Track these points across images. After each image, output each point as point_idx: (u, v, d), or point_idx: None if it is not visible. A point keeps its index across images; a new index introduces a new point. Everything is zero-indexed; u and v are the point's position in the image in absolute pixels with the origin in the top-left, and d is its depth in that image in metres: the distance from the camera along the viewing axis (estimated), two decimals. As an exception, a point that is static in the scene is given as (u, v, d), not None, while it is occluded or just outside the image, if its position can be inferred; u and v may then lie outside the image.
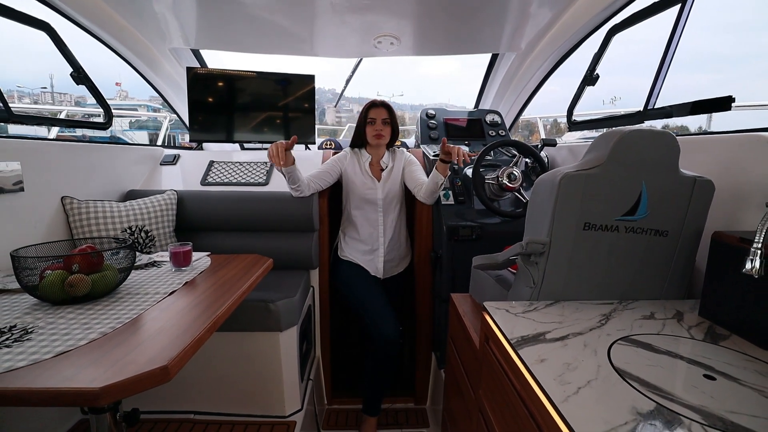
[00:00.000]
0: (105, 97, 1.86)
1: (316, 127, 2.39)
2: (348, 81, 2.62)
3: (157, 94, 2.42)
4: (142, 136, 16.40)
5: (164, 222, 1.69)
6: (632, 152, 0.91)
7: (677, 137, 0.95)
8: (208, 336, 0.87)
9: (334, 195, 2.07)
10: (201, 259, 1.34)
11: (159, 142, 2.90)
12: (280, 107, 2.31)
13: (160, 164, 2.11)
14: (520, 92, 2.40)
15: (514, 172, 1.69)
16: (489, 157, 1.96)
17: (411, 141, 2.70)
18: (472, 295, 1.39)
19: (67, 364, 0.68)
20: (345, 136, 5.46)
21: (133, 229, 1.58)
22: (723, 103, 1.18)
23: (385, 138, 1.79)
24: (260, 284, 1.60)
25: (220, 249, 1.78)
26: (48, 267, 0.95)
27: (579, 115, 1.90)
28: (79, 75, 1.69)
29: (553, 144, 1.85)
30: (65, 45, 1.64)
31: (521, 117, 2.68)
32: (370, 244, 1.85)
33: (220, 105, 2.25)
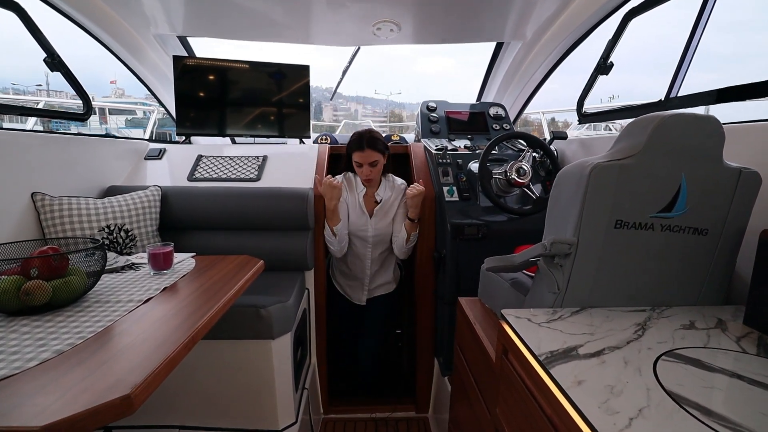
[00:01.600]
0: (104, 95, 1.73)
1: (312, 123, 2.27)
2: (344, 72, 2.50)
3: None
4: (138, 135, 16.09)
5: (147, 220, 1.56)
6: (672, 139, 0.81)
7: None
8: (186, 353, 0.75)
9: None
10: (184, 261, 1.22)
11: (146, 137, 2.77)
12: (273, 100, 2.19)
13: (145, 159, 1.98)
14: (525, 84, 2.30)
15: (523, 166, 1.58)
16: (494, 152, 1.85)
17: (411, 136, 2.58)
18: (481, 299, 1.28)
19: (8, 393, 0.56)
20: (341, 131, 5.34)
21: (112, 228, 1.46)
22: (754, 90, 1.08)
23: (375, 180, 1.77)
24: (251, 288, 1.48)
25: (207, 249, 1.66)
26: (3, 272, 0.82)
27: (589, 108, 1.79)
28: (53, 60, 1.55)
29: (564, 137, 1.74)
30: (38, 28, 1.50)
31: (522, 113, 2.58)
32: (355, 275, 1.91)
33: (209, 97, 2.12)
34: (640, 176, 0.82)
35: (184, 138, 2.22)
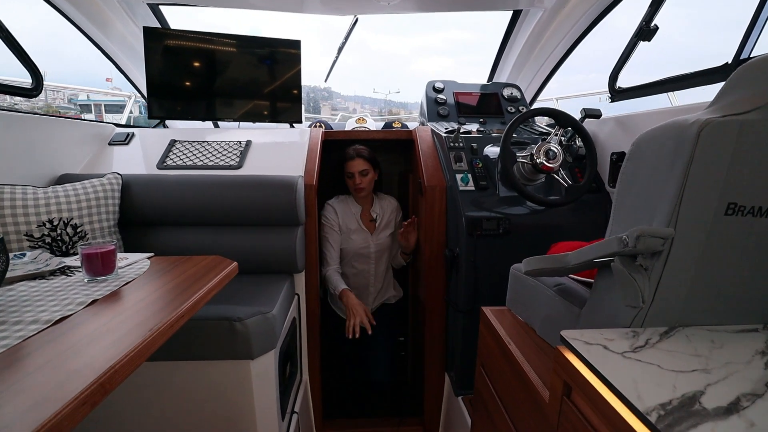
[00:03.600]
0: (101, 93, 1.46)
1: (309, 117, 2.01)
2: (340, 50, 2.24)
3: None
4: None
5: (102, 214, 1.30)
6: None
7: None
8: (100, 399, 0.49)
9: (324, 176, 1.70)
10: (136, 264, 0.96)
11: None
12: (259, 79, 1.92)
13: (109, 144, 1.71)
14: (543, 62, 2.04)
15: (553, 148, 1.33)
16: (514, 135, 1.60)
17: (414, 124, 2.32)
18: (511, 310, 1.03)
19: None
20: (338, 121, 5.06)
21: (56, 223, 1.19)
22: None
23: (366, 189, 1.76)
24: (225, 296, 1.22)
25: (177, 249, 1.40)
26: None
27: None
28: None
29: (597, 115, 1.49)
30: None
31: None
32: (358, 294, 1.79)
33: (185, 75, 1.86)
34: (766, 138, 0.56)
35: (158, 122, 1.95)
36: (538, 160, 1.33)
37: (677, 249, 0.59)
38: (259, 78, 1.92)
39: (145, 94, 1.90)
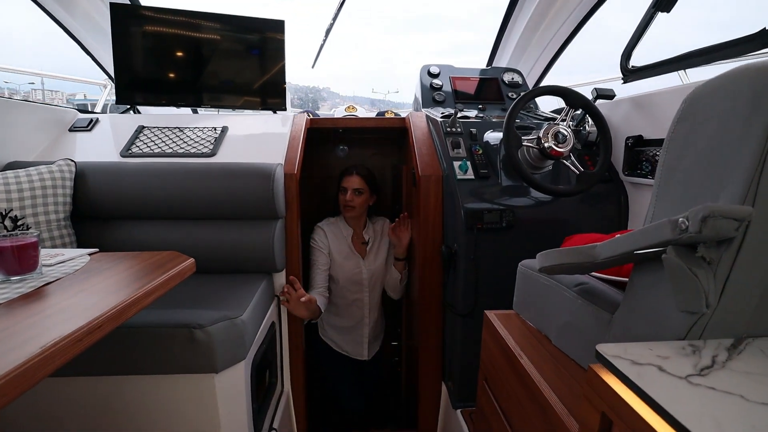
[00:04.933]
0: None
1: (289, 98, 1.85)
2: (328, 31, 2.08)
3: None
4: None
5: (50, 205, 1.14)
6: None
7: None
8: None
9: (308, 163, 1.54)
10: (71, 261, 0.80)
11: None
12: (238, 61, 1.76)
13: (70, 131, 1.55)
14: (546, 45, 1.90)
15: (562, 130, 1.18)
16: (517, 120, 1.45)
17: (405, 111, 2.17)
18: (520, 315, 0.88)
19: None
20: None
21: (-10, 215, 1.03)
22: None
23: (355, 210, 1.67)
24: (187, 299, 1.06)
25: (139, 246, 1.24)
26: None
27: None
28: None
29: (610, 96, 1.35)
30: None
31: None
32: (352, 326, 1.77)
33: (157, 56, 1.69)
34: None
35: (127, 108, 1.78)
36: (546, 144, 1.18)
37: (754, 234, 0.44)
38: (238, 61, 1.76)
39: (113, 78, 1.73)
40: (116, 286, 0.66)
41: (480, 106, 1.76)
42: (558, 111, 1.76)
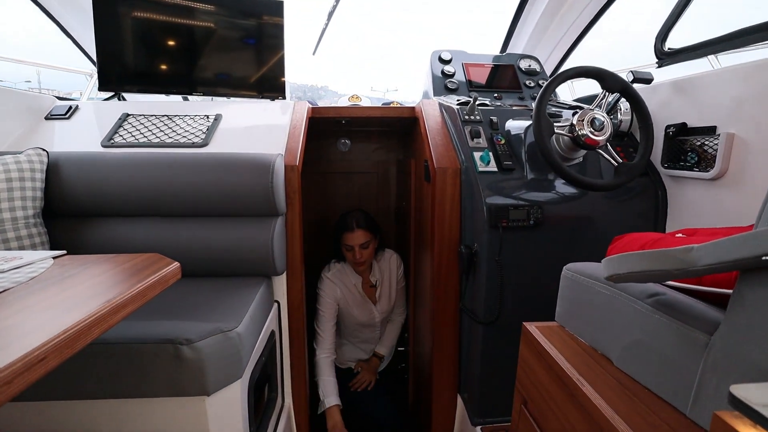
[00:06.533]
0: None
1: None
2: (330, 14, 1.94)
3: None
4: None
5: (15, 200, 0.99)
6: None
7: None
8: None
9: (308, 158, 1.40)
10: (28, 267, 0.66)
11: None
12: (232, 43, 1.62)
13: (46, 119, 1.40)
14: (566, 31, 1.77)
15: (599, 116, 1.05)
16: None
17: (412, 97, 2.03)
18: (566, 328, 0.74)
19: None
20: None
21: (-58, 211, 0.88)
22: None
23: (367, 262, 1.64)
24: (174, 309, 0.92)
25: (121, 246, 1.10)
26: None
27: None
28: None
29: (648, 79, 1.22)
30: None
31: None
32: (365, 351, 1.83)
33: (143, 39, 1.54)
34: None
35: (111, 95, 1.63)
36: (580, 132, 1.05)
37: None
38: (232, 43, 1.62)
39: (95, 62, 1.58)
40: (78, 299, 0.52)
41: (495, 95, 1.63)
42: (581, 101, 1.63)
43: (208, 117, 1.40)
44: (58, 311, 0.47)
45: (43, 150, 1.09)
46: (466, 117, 1.30)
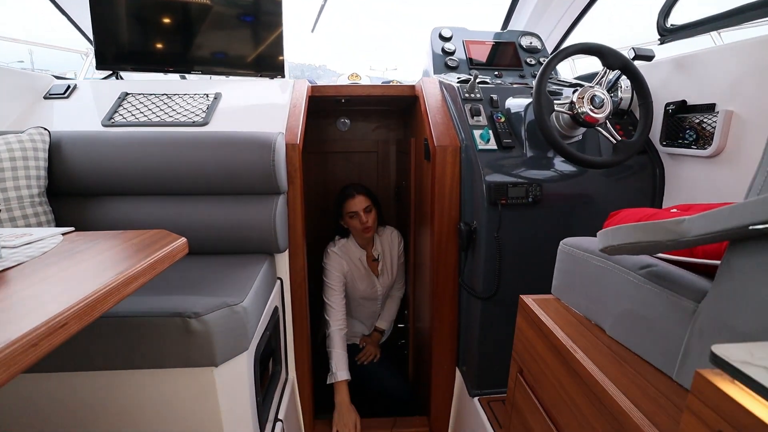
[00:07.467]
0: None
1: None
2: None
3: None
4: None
5: (19, 179, 1.00)
6: None
7: None
8: None
9: (310, 137, 1.40)
10: (39, 242, 0.67)
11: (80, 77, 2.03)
12: (230, 20, 1.59)
13: (45, 98, 1.39)
14: (569, 6, 1.74)
15: (599, 94, 1.05)
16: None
17: (411, 77, 2.01)
18: (562, 300, 0.77)
19: None
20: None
21: (-51, 189, 0.90)
22: None
23: (373, 227, 1.67)
24: (181, 284, 0.95)
25: (124, 224, 1.11)
26: None
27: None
28: None
29: (649, 56, 1.21)
30: None
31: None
32: (367, 326, 1.91)
33: (140, 16, 1.52)
34: None
35: (109, 74, 1.62)
36: (580, 110, 1.05)
37: None
38: (230, 20, 1.59)
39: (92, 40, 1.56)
40: (91, 272, 0.54)
41: (496, 73, 1.62)
42: (582, 78, 1.62)
43: (207, 96, 1.40)
44: (74, 282, 0.49)
45: (45, 129, 1.10)
46: (467, 95, 1.30)
